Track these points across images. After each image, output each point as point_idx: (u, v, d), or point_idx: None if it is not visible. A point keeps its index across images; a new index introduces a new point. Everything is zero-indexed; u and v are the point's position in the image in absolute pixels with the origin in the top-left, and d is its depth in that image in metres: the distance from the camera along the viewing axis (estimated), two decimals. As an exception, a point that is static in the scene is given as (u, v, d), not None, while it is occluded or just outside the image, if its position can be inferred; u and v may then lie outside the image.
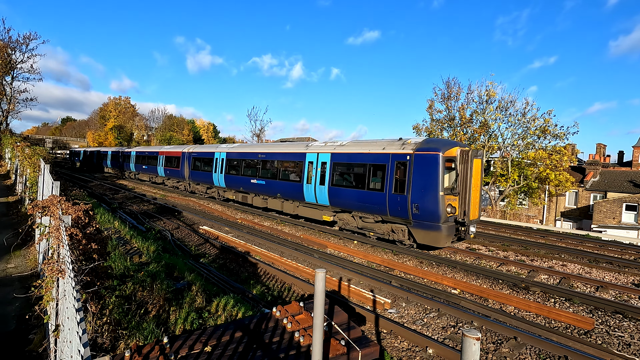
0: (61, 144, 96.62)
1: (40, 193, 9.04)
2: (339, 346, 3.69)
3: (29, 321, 5.44)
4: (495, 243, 14.63)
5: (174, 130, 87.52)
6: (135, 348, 3.46)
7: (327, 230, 15.75)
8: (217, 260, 11.22)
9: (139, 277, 6.87)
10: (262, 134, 61.81)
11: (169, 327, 5.68)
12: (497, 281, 9.97)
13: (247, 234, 14.51)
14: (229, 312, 6.16)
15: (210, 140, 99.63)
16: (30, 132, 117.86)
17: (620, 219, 29.31)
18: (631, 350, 6.51)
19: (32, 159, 12.73)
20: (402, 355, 6.11)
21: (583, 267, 11.61)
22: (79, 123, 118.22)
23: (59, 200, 5.35)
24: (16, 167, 18.39)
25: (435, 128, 35.04)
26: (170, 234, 13.84)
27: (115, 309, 5.55)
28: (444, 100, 34.43)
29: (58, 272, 3.39)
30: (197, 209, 21.04)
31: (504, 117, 31.30)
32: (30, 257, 8.39)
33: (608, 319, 7.75)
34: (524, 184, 30.84)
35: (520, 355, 6.12)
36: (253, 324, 4.10)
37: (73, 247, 3.92)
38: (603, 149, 42.93)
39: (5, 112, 39.68)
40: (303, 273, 9.94)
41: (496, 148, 32.43)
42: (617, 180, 34.47)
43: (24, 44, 37.56)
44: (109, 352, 4.63)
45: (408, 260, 11.98)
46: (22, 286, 6.77)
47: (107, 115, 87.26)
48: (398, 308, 8.03)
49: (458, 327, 7.14)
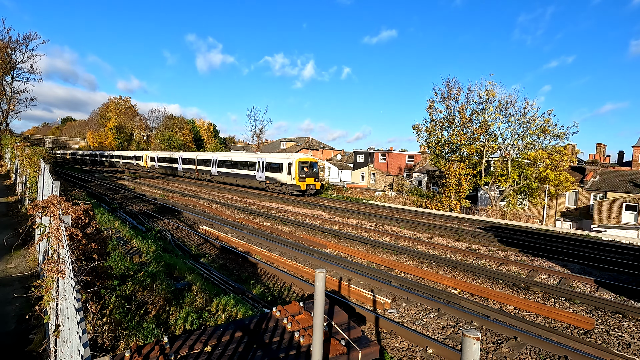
0: (61, 144, 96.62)
1: (40, 193, 9.04)
2: (339, 346, 3.69)
3: (29, 321, 5.44)
4: (495, 243, 14.62)
5: (174, 130, 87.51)
6: (135, 348, 3.46)
7: (327, 230, 15.75)
8: (217, 260, 11.22)
9: (139, 277, 6.86)
10: (262, 134, 61.89)
11: (169, 327, 5.68)
12: (497, 281, 9.97)
13: (247, 234, 14.51)
14: (229, 312, 6.15)
15: (210, 140, 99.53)
16: (31, 132, 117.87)
17: (620, 219, 29.30)
18: (631, 350, 6.51)
19: (32, 159, 12.72)
20: (402, 355, 6.11)
21: (583, 267, 11.60)
22: (79, 123, 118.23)
23: (59, 200, 5.35)
24: (16, 167, 18.38)
25: (435, 128, 35.05)
26: (170, 234, 13.84)
27: (115, 309, 5.55)
28: (444, 100, 34.44)
29: (58, 272, 3.38)
30: (197, 209, 21.04)
31: (504, 117, 31.33)
32: (30, 257, 8.39)
33: (608, 319, 7.75)
34: (524, 184, 30.83)
35: (520, 355, 6.12)
36: (253, 324, 4.10)
37: (73, 247, 3.92)
38: (603, 148, 42.91)
39: (5, 112, 39.67)
40: (303, 273, 9.94)
41: (496, 148, 32.44)
42: (617, 180, 34.46)
43: (24, 44, 37.58)
44: (109, 352, 4.63)
45: (408, 260, 11.98)
46: (22, 286, 6.77)
47: (107, 115, 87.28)
48: (398, 308, 8.03)
49: (458, 327, 7.14)
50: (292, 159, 29.26)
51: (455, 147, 33.47)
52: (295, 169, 28.77)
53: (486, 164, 33.02)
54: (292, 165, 29.05)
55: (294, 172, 28.77)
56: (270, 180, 31.17)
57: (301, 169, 29.03)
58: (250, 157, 35.10)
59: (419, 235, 15.72)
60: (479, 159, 32.40)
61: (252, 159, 34.23)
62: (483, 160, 31.86)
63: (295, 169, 28.78)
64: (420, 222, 19.00)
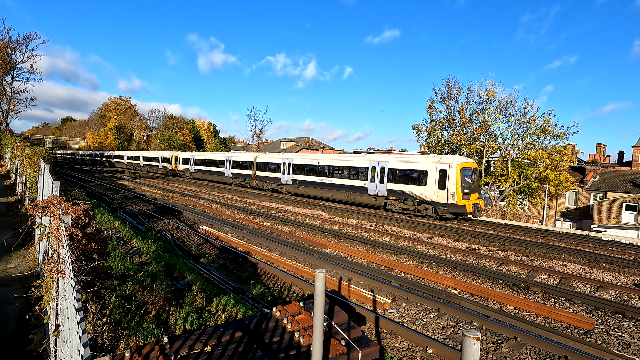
0: (61, 144, 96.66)
1: (40, 193, 9.04)
2: (339, 346, 3.69)
3: (29, 321, 5.44)
4: (495, 243, 14.62)
5: (174, 130, 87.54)
6: (135, 348, 3.46)
7: (327, 230, 15.75)
8: (217, 260, 11.22)
9: (139, 277, 6.86)
10: (262, 133, 61.91)
11: (169, 327, 5.68)
12: (497, 281, 9.97)
13: (247, 233, 14.51)
14: (229, 312, 6.16)
15: (210, 140, 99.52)
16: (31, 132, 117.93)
17: (620, 219, 29.31)
18: (631, 350, 6.51)
19: (32, 159, 12.73)
20: (402, 355, 6.11)
21: (583, 267, 11.61)
22: (79, 123, 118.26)
23: (59, 200, 5.35)
24: (16, 167, 18.38)
25: (435, 128, 35.07)
26: (170, 234, 13.84)
27: (115, 309, 5.55)
28: (444, 100, 34.48)
29: (58, 272, 3.38)
30: (197, 209, 21.04)
31: (504, 117, 31.34)
32: (30, 257, 8.39)
33: (608, 319, 7.74)
34: (524, 184, 30.84)
35: (520, 355, 6.12)
36: (253, 324, 4.10)
37: (73, 247, 3.92)
38: (603, 148, 42.92)
39: (5, 112, 39.69)
40: (303, 273, 9.94)
41: (496, 148, 32.44)
42: (617, 180, 34.47)
43: (24, 44, 37.62)
44: (109, 352, 4.63)
45: (408, 260, 11.98)
46: (22, 286, 6.77)
47: (108, 115, 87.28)
48: (398, 308, 8.03)
49: (458, 327, 7.14)
50: (448, 163, 18.81)
51: (455, 147, 33.48)
52: (456, 179, 18.39)
53: (486, 164, 33.02)
54: (448, 172, 18.65)
55: (454, 183, 18.40)
56: (401, 196, 20.76)
57: (463, 178, 18.74)
58: (357, 160, 23.66)
59: (418, 235, 15.72)
60: (479, 159, 32.41)
61: (361, 163, 23.12)
62: (483, 160, 31.86)
63: (456, 178, 18.40)
64: (420, 222, 19.00)
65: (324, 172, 25.75)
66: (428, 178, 19.41)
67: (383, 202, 21.96)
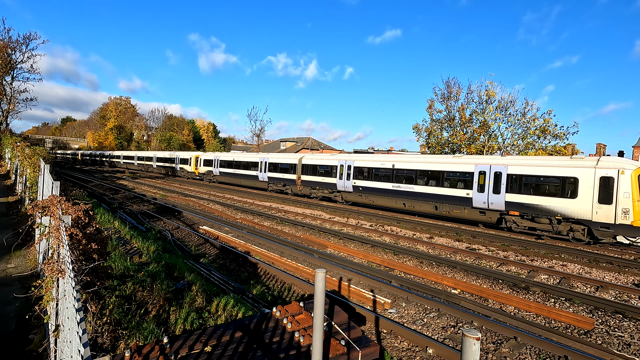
0: (61, 144, 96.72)
1: (40, 193, 9.04)
2: (339, 346, 3.69)
3: (29, 321, 5.44)
4: (495, 243, 14.62)
5: (173, 130, 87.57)
6: (135, 348, 3.46)
7: (327, 230, 15.75)
8: (217, 260, 11.22)
9: (139, 277, 6.86)
10: (262, 133, 61.95)
11: (169, 327, 5.68)
12: (497, 281, 9.97)
13: (247, 233, 14.51)
14: (229, 312, 6.16)
15: (210, 140, 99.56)
16: (31, 132, 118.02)
17: (621, 219, 29.20)
18: (631, 350, 6.51)
19: (32, 159, 12.73)
20: (402, 355, 6.11)
21: (583, 267, 11.61)
22: (79, 123, 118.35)
23: (59, 200, 5.35)
24: (16, 167, 18.38)
25: (435, 128, 35.09)
26: (170, 234, 13.84)
27: (115, 309, 5.55)
28: (444, 100, 34.51)
29: (58, 272, 3.38)
30: (197, 209, 21.04)
31: (504, 117, 31.36)
32: (30, 257, 8.39)
33: (608, 319, 7.75)
34: (524, 184, 30.79)
35: (520, 355, 6.12)
36: (253, 324, 4.10)
37: (73, 247, 3.92)
38: (603, 148, 42.91)
39: (5, 112, 39.71)
40: (303, 273, 9.94)
41: (496, 148, 32.46)
42: (617, 180, 34.36)
43: (24, 44, 37.65)
44: (109, 352, 4.63)
45: (408, 260, 11.98)
46: (22, 286, 6.77)
47: (108, 115, 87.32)
48: (398, 308, 8.03)
49: (458, 327, 7.14)
50: (617, 168, 14.10)
51: (455, 147, 33.50)
52: (633, 191, 13.65)
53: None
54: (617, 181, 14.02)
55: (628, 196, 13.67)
56: (529, 211, 16.14)
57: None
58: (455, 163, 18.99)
59: (419, 235, 15.72)
60: (479, 159, 32.37)
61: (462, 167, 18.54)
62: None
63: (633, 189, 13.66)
64: (420, 222, 19.00)
65: (400, 177, 21.05)
66: (580, 188, 14.72)
67: (497, 218, 17.29)
